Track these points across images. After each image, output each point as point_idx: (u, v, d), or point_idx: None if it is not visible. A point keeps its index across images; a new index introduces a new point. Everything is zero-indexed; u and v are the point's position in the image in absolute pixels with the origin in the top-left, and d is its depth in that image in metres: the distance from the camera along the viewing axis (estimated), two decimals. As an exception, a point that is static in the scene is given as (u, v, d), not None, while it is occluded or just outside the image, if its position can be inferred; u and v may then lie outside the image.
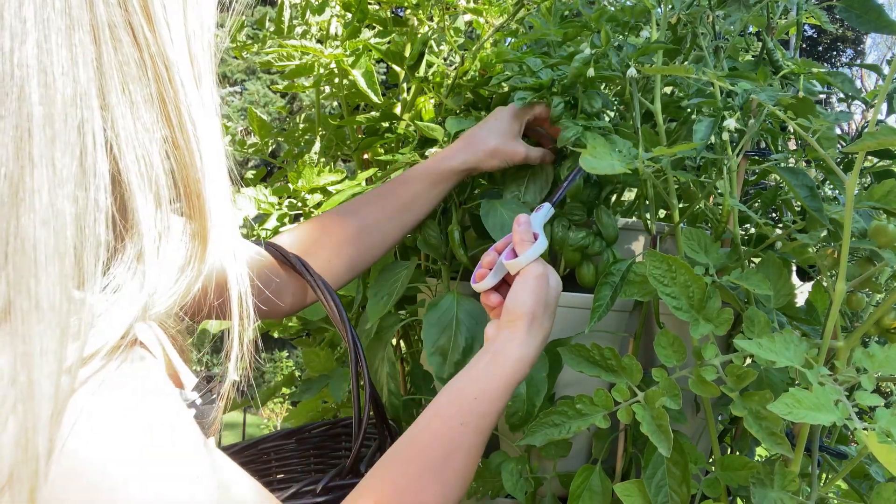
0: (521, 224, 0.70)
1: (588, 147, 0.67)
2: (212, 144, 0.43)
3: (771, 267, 0.73)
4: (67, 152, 0.36)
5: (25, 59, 0.35)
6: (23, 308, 0.34)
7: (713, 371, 0.65)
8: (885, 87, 0.61)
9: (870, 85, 9.60)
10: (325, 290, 0.70)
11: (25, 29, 0.35)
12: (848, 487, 0.80)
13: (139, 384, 0.39)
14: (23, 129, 0.35)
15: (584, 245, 0.81)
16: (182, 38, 0.42)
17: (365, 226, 0.81)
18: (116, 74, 0.38)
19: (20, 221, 0.34)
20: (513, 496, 0.80)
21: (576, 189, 0.80)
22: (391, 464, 0.59)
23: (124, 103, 0.38)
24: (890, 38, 9.88)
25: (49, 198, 0.35)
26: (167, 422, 0.40)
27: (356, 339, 0.68)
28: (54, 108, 0.35)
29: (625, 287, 0.73)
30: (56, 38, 0.36)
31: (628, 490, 0.70)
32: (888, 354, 0.58)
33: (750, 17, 0.79)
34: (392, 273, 0.86)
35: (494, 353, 0.64)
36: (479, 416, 0.61)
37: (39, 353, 0.34)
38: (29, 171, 0.34)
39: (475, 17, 1.11)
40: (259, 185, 1.16)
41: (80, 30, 0.37)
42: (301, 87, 1.14)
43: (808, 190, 0.69)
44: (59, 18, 0.36)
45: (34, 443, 0.34)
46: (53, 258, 0.35)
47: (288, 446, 0.92)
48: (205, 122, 0.43)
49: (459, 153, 0.83)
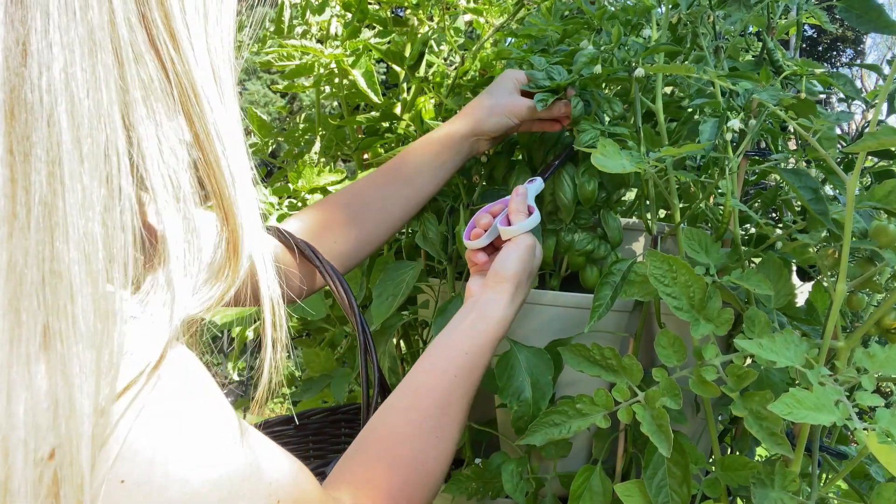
0: (520, 195, 0.75)
1: (598, 146, 0.67)
2: (239, 158, 0.44)
3: (771, 267, 0.73)
4: (96, 175, 0.36)
5: (53, 84, 0.35)
6: (60, 330, 0.35)
7: (713, 371, 0.65)
8: (885, 88, 0.61)
9: (870, 85, 9.60)
10: (333, 275, 0.71)
11: (52, 55, 0.35)
12: (848, 487, 0.80)
13: (180, 389, 0.40)
14: (54, 153, 0.35)
15: (590, 250, 0.81)
16: (205, 55, 0.43)
17: (368, 205, 0.81)
18: (140, 95, 0.39)
19: (55, 245, 0.35)
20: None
21: (591, 193, 0.81)
22: (394, 412, 0.62)
23: (149, 123, 0.39)
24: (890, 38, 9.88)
25: (80, 220, 0.36)
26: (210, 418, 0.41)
27: (365, 324, 0.69)
28: (81, 132, 0.36)
29: (625, 287, 0.73)
30: (81, 62, 0.36)
31: (629, 490, 0.70)
32: (889, 355, 0.58)
33: (750, 17, 0.79)
34: (397, 273, 0.86)
35: (481, 310, 0.69)
36: (469, 369, 0.66)
37: (78, 373, 0.35)
38: (61, 195, 0.35)
39: (475, 17, 1.11)
40: (259, 185, 1.16)
41: (102, 51, 0.37)
42: (301, 87, 1.14)
43: (812, 192, 0.69)
44: (83, 42, 0.36)
45: (78, 461, 0.34)
46: (87, 280, 0.36)
47: (287, 432, 0.92)
48: (231, 136, 0.44)
49: (458, 119, 0.83)
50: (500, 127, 0.82)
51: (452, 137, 0.81)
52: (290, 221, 0.79)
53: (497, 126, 0.82)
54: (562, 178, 0.81)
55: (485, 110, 0.81)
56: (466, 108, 0.83)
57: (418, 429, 0.61)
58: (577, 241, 0.81)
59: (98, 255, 0.36)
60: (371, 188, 0.81)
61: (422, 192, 0.82)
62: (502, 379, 0.76)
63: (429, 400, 0.63)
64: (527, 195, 0.76)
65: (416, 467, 0.60)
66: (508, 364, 0.76)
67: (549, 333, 0.81)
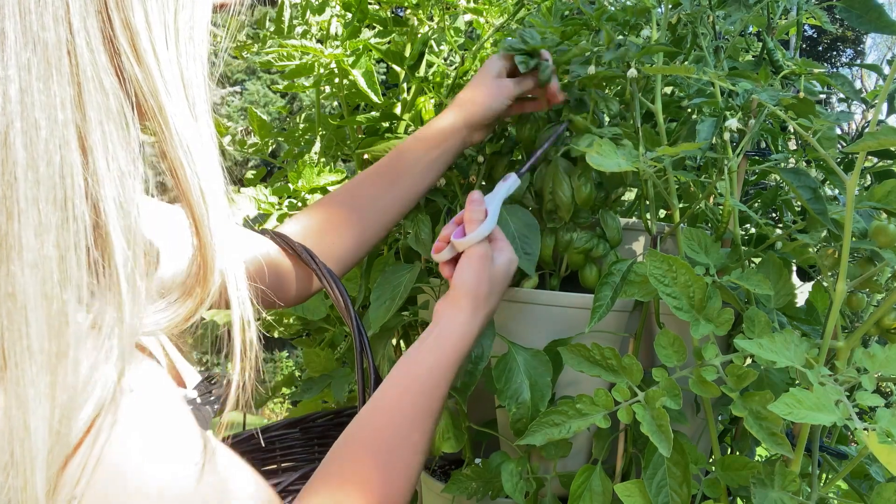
0: (473, 202, 0.72)
1: (594, 145, 0.67)
2: (210, 175, 0.43)
3: (771, 267, 0.73)
4: (51, 196, 0.36)
5: (9, 105, 0.35)
6: (15, 352, 0.34)
7: (713, 371, 0.65)
8: (885, 88, 0.61)
9: (870, 85, 9.60)
10: (330, 278, 0.71)
11: (8, 76, 0.35)
12: (848, 487, 0.80)
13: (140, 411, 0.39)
14: (10, 174, 0.35)
15: (589, 248, 0.81)
16: (175, 73, 0.42)
17: (363, 204, 0.80)
18: (96, 116, 0.38)
19: (10, 267, 0.35)
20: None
21: (588, 196, 0.80)
22: (362, 431, 0.61)
23: (106, 146, 0.38)
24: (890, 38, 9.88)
25: (36, 242, 0.35)
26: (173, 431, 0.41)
27: (361, 328, 0.69)
28: (37, 153, 0.35)
29: (625, 287, 0.73)
30: (37, 83, 0.36)
31: (629, 490, 0.70)
32: (889, 355, 0.58)
33: (750, 17, 0.79)
34: (395, 277, 0.86)
35: (440, 331, 0.68)
36: (433, 386, 0.65)
37: (34, 396, 0.35)
38: (16, 217, 0.35)
39: (475, 17, 1.11)
40: (259, 185, 1.16)
41: (59, 72, 0.36)
42: (301, 87, 1.14)
43: (812, 192, 0.69)
44: (40, 62, 0.36)
45: (32, 483, 0.34)
46: (42, 303, 0.35)
47: (292, 435, 0.92)
48: (202, 154, 0.43)
49: (449, 112, 0.82)
50: (492, 112, 0.81)
51: (445, 132, 0.81)
52: (289, 223, 0.79)
53: (488, 112, 0.81)
54: (560, 176, 0.81)
55: (473, 99, 0.81)
56: (456, 99, 0.83)
57: (383, 446, 0.61)
58: (576, 240, 0.81)
59: (53, 277, 0.36)
60: (367, 187, 0.81)
61: (418, 187, 0.82)
62: (500, 381, 0.76)
63: (399, 416, 0.63)
64: (482, 202, 0.73)
65: (380, 486, 0.58)
66: (507, 366, 0.76)
67: (548, 333, 0.81)
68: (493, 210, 0.73)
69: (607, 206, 0.85)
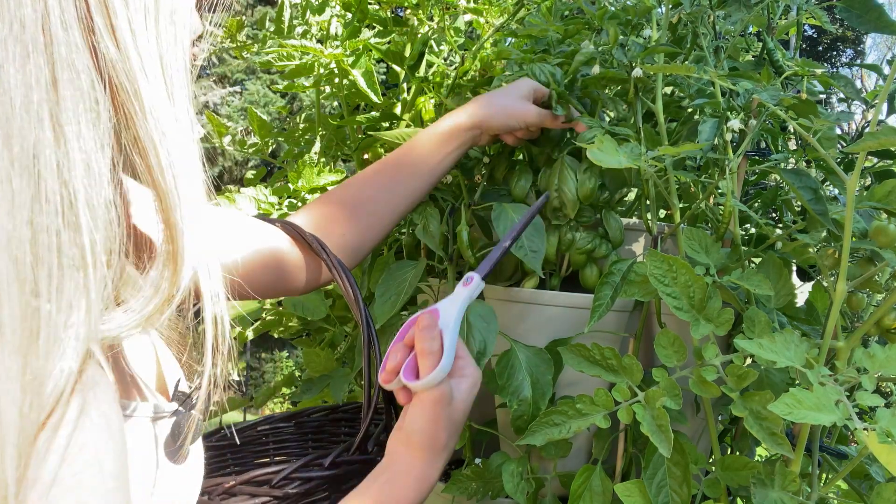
0: (424, 329, 0.61)
1: (596, 141, 0.67)
2: (184, 160, 0.42)
3: (771, 267, 0.74)
4: (24, 175, 0.35)
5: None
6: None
7: (713, 371, 0.65)
8: (885, 88, 0.61)
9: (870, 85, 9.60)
10: (340, 270, 0.70)
11: None
12: (848, 487, 0.80)
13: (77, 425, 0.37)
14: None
15: (592, 248, 0.81)
16: (154, 56, 0.41)
17: (373, 197, 0.80)
18: (70, 95, 0.37)
19: None
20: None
21: (589, 192, 0.80)
22: None
23: (76, 126, 0.37)
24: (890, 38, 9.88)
25: (9, 222, 0.34)
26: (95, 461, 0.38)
27: (370, 319, 0.68)
28: (12, 130, 0.35)
29: (625, 287, 0.73)
30: (14, 61, 0.35)
31: (629, 490, 0.70)
32: (889, 355, 0.58)
33: (750, 17, 0.79)
34: (400, 273, 0.86)
35: (392, 476, 0.61)
36: None
37: (4, 379, 0.34)
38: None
39: (475, 17, 1.11)
40: (259, 185, 1.16)
41: (35, 50, 0.36)
42: (301, 87, 1.14)
43: (812, 192, 0.69)
44: (17, 40, 0.35)
45: (2, 467, 0.34)
46: (14, 284, 0.35)
47: (286, 429, 0.92)
48: (179, 143, 0.41)
49: (468, 108, 0.82)
50: (506, 127, 0.82)
51: (458, 129, 0.81)
52: (297, 216, 0.79)
53: (503, 126, 0.82)
54: (566, 173, 0.81)
55: (495, 107, 0.81)
56: (476, 100, 0.83)
57: None
58: (579, 240, 0.81)
59: (26, 258, 0.35)
60: (376, 180, 0.81)
61: (426, 182, 0.82)
62: (502, 377, 0.76)
63: None
64: (434, 327, 0.62)
65: None
66: (508, 363, 0.76)
67: (548, 333, 0.81)
68: (450, 334, 0.61)
69: (610, 206, 0.85)
